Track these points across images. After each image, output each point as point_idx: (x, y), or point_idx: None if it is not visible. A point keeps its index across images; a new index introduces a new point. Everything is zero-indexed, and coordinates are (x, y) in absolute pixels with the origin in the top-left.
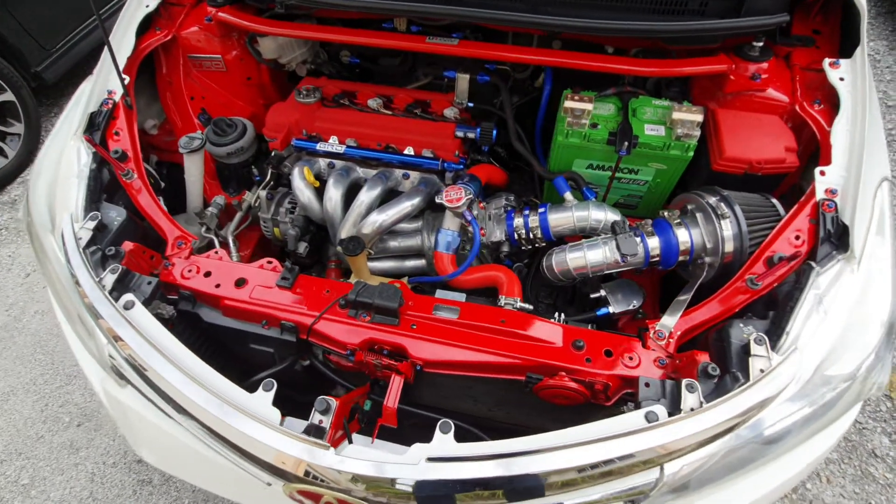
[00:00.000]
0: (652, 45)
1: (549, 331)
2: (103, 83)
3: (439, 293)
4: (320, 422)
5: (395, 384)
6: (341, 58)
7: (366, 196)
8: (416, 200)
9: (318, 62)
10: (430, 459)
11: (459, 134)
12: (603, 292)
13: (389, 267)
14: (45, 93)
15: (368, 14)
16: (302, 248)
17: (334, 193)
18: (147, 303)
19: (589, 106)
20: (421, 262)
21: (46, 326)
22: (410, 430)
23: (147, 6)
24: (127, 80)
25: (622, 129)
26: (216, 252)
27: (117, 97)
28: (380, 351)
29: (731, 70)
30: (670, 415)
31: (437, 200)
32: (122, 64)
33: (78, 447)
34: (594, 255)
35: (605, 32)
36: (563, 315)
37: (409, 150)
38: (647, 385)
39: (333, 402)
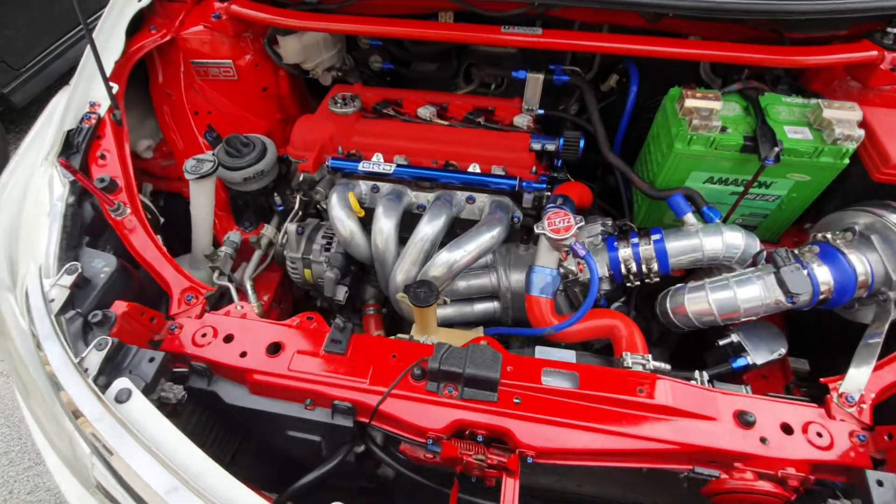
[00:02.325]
0: (760, 34)
1: (704, 401)
2: (84, 93)
3: (540, 351)
4: None
5: (509, 492)
6: (371, 64)
7: (429, 228)
8: (496, 231)
9: (344, 69)
10: None
11: (536, 146)
12: (735, 338)
13: (452, 313)
14: (14, 118)
15: (425, 3)
16: (342, 293)
17: (386, 225)
18: (150, 389)
19: (717, 104)
20: (492, 306)
21: (11, 392)
22: None
23: (139, 0)
24: (115, 88)
25: (762, 132)
26: (238, 306)
27: (102, 110)
28: (473, 437)
29: (880, 59)
30: None
31: (539, 230)
32: (108, 70)
33: None
34: (748, 294)
35: (722, 14)
36: (705, 374)
37: (473, 168)
38: (879, 483)
39: None
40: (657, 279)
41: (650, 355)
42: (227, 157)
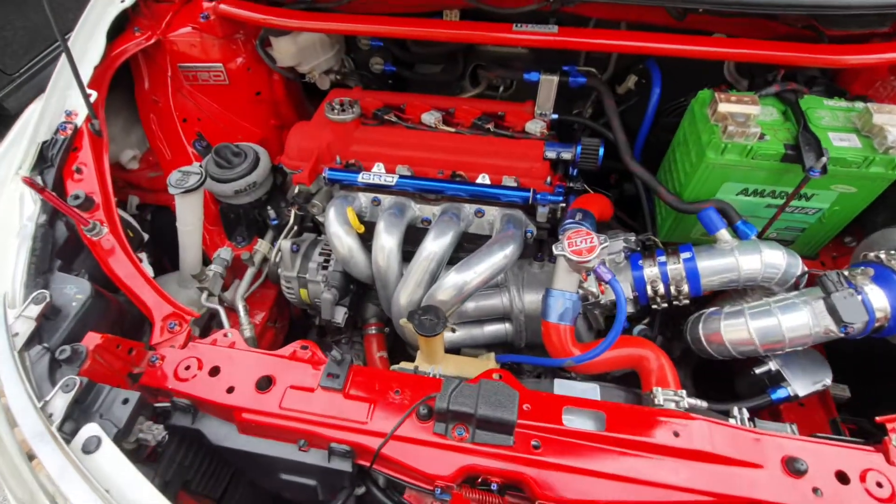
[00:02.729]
0: (792, 31)
1: (748, 445)
2: (60, 102)
3: (559, 385)
4: None
5: None
6: (371, 66)
7: (435, 245)
8: (509, 250)
9: (343, 72)
10: None
11: (550, 154)
12: (773, 366)
13: (461, 336)
14: (9, 124)
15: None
16: (340, 315)
17: (388, 241)
18: (123, 435)
19: (754, 109)
20: (503, 327)
21: None
22: None
23: (122, 0)
24: (94, 96)
25: (805, 139)
26: (225, 334)
27: (80, 120)
28: (486, 485)
29: None
30: None
31: (558, 252)
32: (87, 76)
33: None
34: (794, 322)
35: (760, 9)
36: (745, 410)
37: (483, 178)
38: None
39: None
40: (686, 301)
41: (684, 391)
42: (216, 169)
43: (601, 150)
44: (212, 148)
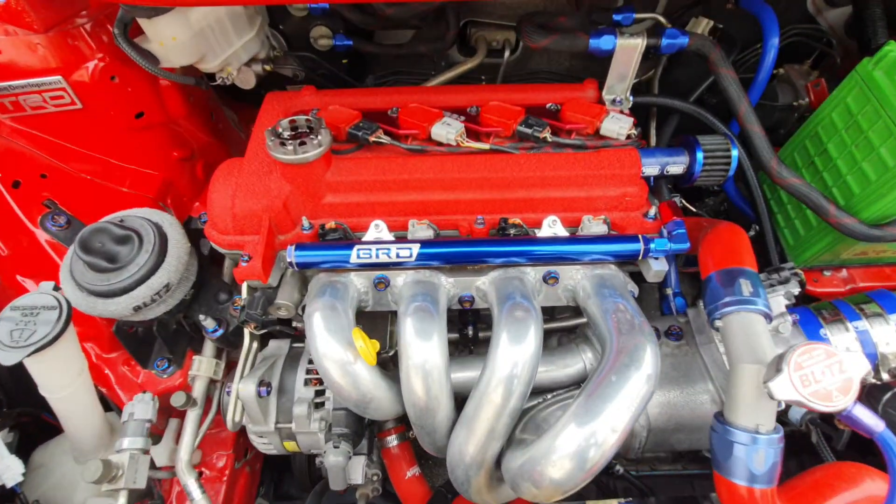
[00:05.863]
0: None
1: None
2: None
3: None
4: None
5: None
6: (315, 42)
7: (513, 358)
8: (649, 364)
9: (275, 56)
10: None
11: (651, 170)
12: None
13: None
14: None
15: None
16: (359, 472)
17: (427, 357)
18: None
19: None
20: None
21: None
22: None
23: None
24: None
25: None
26: None
27: None
28: None
29: None
30: None
31: (789, 398)
32: None
33: None
34: None
35: None
36: None
37: (551, 225)
38: None
39: None
40: (891, 379)
41: None
42: (91, 275)
43: (735, 154)
44: (78, 224)
